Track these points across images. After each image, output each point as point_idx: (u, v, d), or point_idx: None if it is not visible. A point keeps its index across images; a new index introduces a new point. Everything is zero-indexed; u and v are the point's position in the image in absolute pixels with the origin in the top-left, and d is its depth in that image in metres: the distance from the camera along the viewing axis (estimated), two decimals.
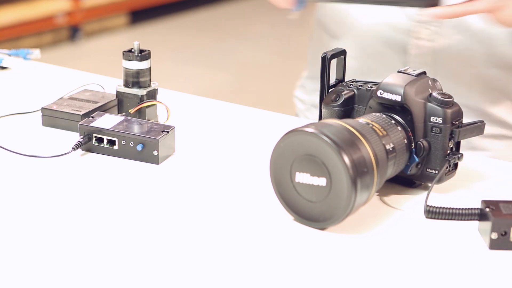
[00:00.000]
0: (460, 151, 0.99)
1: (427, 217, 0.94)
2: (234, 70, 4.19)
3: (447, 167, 0.97)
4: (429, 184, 0.97)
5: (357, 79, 1.07)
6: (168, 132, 1.09)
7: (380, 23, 1.28)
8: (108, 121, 1.11)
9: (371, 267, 0.84)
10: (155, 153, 1.07)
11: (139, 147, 1.07)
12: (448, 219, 0.93)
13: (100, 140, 1.09)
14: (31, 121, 1.22)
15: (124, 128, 1.09)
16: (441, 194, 1.00)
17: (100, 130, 1.09)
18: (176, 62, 4.25)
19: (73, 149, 1.08)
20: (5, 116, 1.23)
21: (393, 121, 0.97)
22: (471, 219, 0.93)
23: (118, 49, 1.20)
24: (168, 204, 0.98)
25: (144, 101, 1.17)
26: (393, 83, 0.98)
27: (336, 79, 1.09)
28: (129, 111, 1.16)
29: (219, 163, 1.10)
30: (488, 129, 1.10)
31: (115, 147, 1.09)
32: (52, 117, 1.19)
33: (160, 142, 1.06)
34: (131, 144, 1.07)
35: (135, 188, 1.02)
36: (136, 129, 1.09)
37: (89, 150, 1.10)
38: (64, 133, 1.17)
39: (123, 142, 1.08)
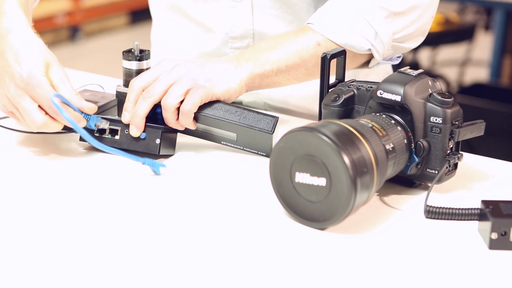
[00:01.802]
0: (460, 151, 0.99)
1: (427, 217, 0.94)
2: None
3: (447, 167, 0.97)
4: (429, 184, 0.97)
5: (356, 79, 1.07)
6: (170, 128, 1.09)
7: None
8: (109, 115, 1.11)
9: (371, 267, 0.84)
10: (157, 141, 1.07)
11: (142, 135, 1.07)
12: (448, 219, 0.93)
13: (101, 131, 1.09)
14: None
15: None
16: (441, 194, 1.00)
17: (104, 119, 1.09)
18: None
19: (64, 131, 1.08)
20: (5, 118, 1.23)
21: (393, 121, 0.97)
22: (471, 219, 0.93)
23: (118, 49, 1.20)
24: (168, 204, 0.98)
25: None
26: (393, 83, 0.98)
27: (336, 79, 1.09)
28: None
29: (219, 163, 1.10)
30: None
31: (117, 137, 1.08)
32: None
33: (163, 132, 1.07)
34: None
35: (134, 188, 1.02)
36: None
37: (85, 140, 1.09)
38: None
39: (126, 131, 1.08)
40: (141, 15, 5.38)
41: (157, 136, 1.07)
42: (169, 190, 1.01)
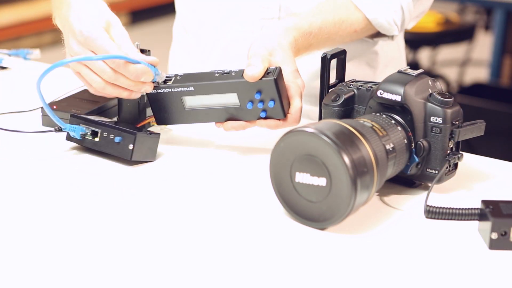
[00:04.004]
0: (460, 151, 0.99)
1: (427, 217, 0.94)
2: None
3: (447, 167, 0.97)
4: (429, 184, 0.97)
5: (356, 79, 1.07)
6: (150, 133, 1.08)
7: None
8: (102, 119, 1.11)
9: (371, 267, 0.84)
10: (130, 147, 1.05)
11: (117, 139, 1.06)
12: (448, 219, 0.93)
13: (84, 133, 1.09)
14: (31, 121, 1.22)
15: (111, 122, 1.09)
16: (441, 194, 1.00)
17: (87, 120, 1.09)
18: None
19: (56, 130, 1.09)
20: (5, 114, 1.23)
21: (393, 121, 0.97)
22: (471, 219, 0.93)
23: None
24: (167, 204, 0.97)
25: (148, 116, 1.16)
26: (393, 83, 0.98)
27: (336, 79, 1.09)
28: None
29: (219, 163, 1.10)
30: None
31: (97, 139, 1.08)
32: None
33: (137, 138, 1.05)
34: (111, 136, 1.07)
35: (132, 187, 1.02)
36: (123, 125, 1.09)
37: (71, 139, 1.10)
38: (64, 133, 1.17)
39: (105, 134, 1.07)
40: (141, 15, 5.37)
41: (130, 142, 1.05)
42: (168, 190, 1.01)
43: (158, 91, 1.09)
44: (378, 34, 1.24)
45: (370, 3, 1.17)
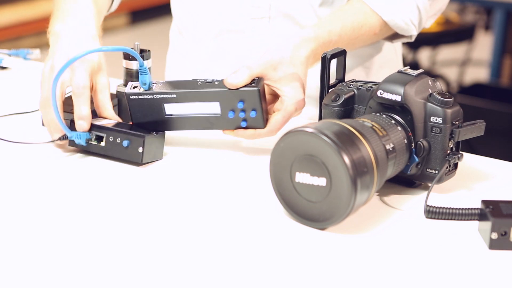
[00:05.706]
0: (460, 151, 0.99)
1: (427, 217, 0.94)
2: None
3: (447, 167, 0.97)
4: (429, 184, 0.97)
5: (356, 79, 1.07)
6: (157, 133, 1.08)
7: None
8: (101, 120, 1.10)
9: (371, 267, 0.84)
10: (140, 150, 1.05)
11: (125, 143, 1.06)
12: (448, 219, 0.93)
13: (89, 138, 1.09)
14: (31, 121, 1.21)
15: (114, 125, 1.09)
16: (441, 194, 1.00)
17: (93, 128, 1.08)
18: None
19: (60, 139, 1.08)
20: (6, 116, 1.23)
21: (393, 121, 0.97)
22: (471, 219, 0.93)
23: None
24: (167, 204, 0.97)
25: None
26: (393, 83, 0.98)
27: (336, 79, 1.09)
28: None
29: (220, 162, 1.10)
30: None
31: (102, 143, 1.08)
32: None
33: (146, 140, 1.06)
34: (118, 140, 1.06)
35: (132, 188, 1.02)
36: (127, 127, 1.09)
37: (76, 146, 1.09)
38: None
39: (111, 138, 1.07)
40: (141, 15, 5.37)
41: (140, 145, 1.05)
42: (168, 190, 1.01)
43: (140, 96, 1.08)
44: (396, 36, 1.24)
45: (386, 5, 1.18)
